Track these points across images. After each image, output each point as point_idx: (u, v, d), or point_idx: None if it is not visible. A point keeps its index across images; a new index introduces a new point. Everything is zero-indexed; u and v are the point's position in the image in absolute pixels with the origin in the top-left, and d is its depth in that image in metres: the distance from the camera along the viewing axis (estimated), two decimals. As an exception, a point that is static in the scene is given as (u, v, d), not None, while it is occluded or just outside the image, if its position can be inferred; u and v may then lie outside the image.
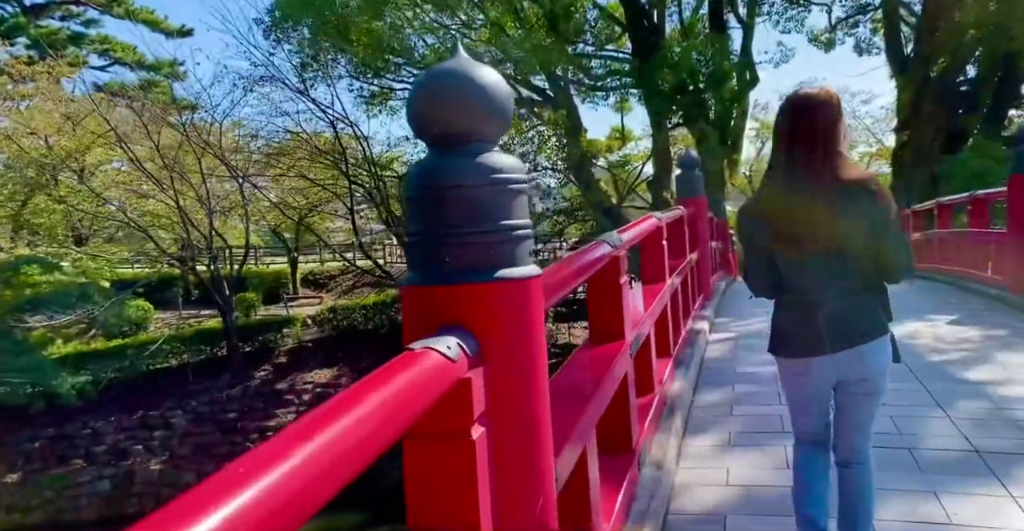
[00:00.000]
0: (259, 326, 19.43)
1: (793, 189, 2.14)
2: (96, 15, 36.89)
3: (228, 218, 19.86)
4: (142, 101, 19.60)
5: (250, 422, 16.90)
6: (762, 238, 2.22)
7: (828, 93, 2.18)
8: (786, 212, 2.13)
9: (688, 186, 6.87)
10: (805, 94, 2.20)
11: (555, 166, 17.39)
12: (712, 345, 5.62)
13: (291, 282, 26.75)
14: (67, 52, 34.39)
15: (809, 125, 2.12)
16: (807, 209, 2.08)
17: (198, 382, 17.94)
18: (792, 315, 2.24)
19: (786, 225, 2.14)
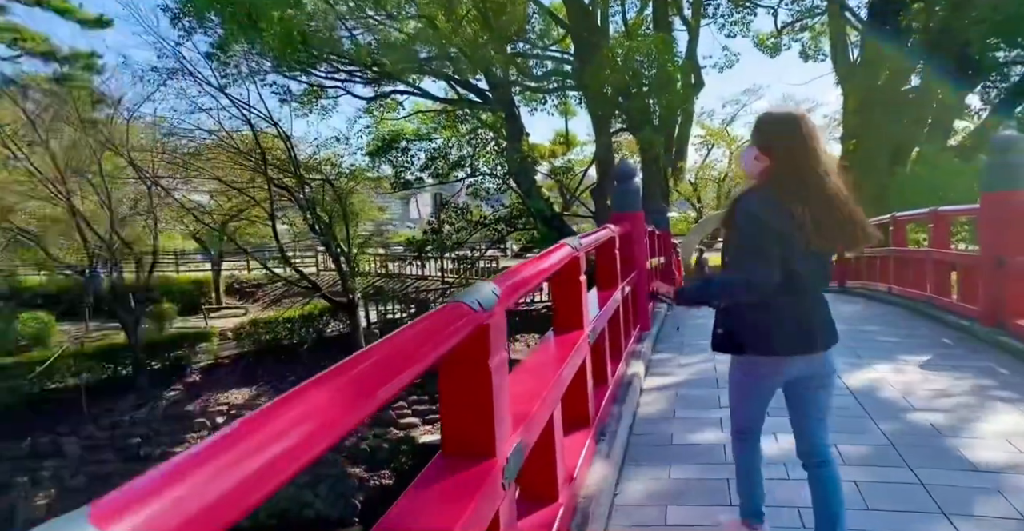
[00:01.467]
0: (171, 341, 17.80)
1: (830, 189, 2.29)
2: (4, 2, 34.19)
3: (137, 223, 18.14)
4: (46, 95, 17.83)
5: (155, 448, 15.32)
6: (794, 229, 2.23)
7: None
8: (826, 207, 2.25)
9: (624, 199, 5.95)
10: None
11: (494, 171, 16.38)
12: (647, 394, 4.65)
13: (214, 291, 25.02)
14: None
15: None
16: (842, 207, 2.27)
17: (99, 404, 16.25)
18: (785, 313, 2.29)
19: (827, 217, 2.24)
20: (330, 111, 20.77)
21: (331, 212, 18.67)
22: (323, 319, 18.90)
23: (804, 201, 2.22)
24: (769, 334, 2.28)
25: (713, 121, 33.18)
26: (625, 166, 6.14)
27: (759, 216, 2.26)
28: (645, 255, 6.40)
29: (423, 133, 17.74)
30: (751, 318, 2.32)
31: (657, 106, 13.59)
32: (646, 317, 6.24)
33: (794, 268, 2.24)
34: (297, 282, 18.12)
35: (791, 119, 2.38)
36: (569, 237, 3.39)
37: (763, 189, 2.32)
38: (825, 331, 2.32)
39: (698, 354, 5.55)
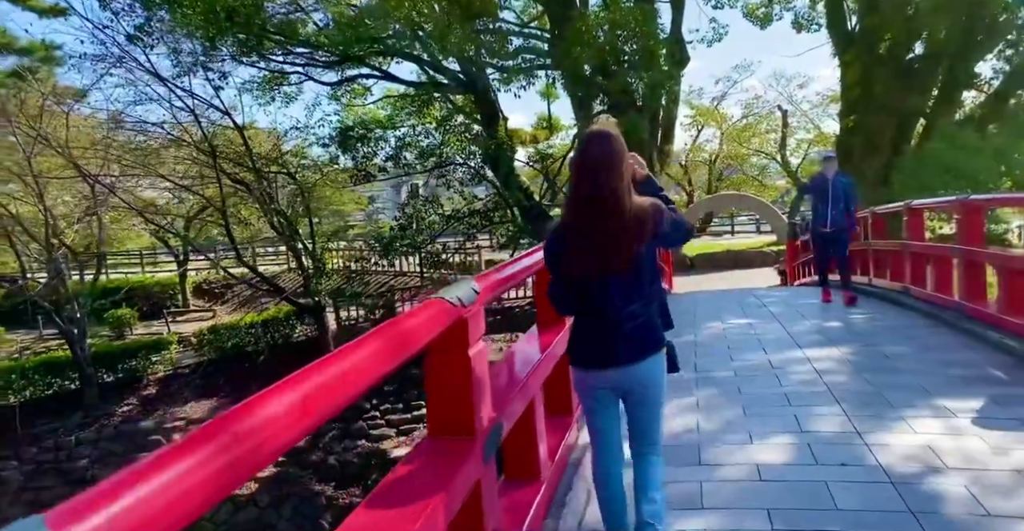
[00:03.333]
0: (123, 351, 16.50)
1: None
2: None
3: (83, 225, 16.77)
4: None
5: (104, 470, 14.07)
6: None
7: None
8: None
9: None
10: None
11: (467, 160, 15.03)
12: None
13: (181, 293, 23.69)
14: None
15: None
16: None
17: (42, 423, 15.00)
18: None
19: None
20: (294, 99, 19.34)
21: (294, 207, 17.35)
22: (289, 323, 17.64)
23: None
24: (577, 347, 2.47)
25: (703, 99, 31.79)
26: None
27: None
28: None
29: (387, 120, 16.33)
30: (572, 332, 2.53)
31: (640, 85, 12.26)
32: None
33: (582, 287, 2.38)
34: (258, 283, 16.81)
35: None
36: None
37: None
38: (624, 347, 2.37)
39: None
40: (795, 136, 30.85)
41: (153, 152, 17.52)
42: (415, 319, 1.80)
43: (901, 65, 13.16)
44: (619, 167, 2.29)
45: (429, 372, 2.05)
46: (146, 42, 12.94)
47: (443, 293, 1.98)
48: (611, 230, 2.26)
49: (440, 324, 1.87)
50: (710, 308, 8.14)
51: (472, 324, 2.05)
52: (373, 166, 14.35)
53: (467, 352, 2.02)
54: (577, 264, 2.31)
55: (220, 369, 16.83)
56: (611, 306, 2.31)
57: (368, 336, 1.52)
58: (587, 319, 2.40)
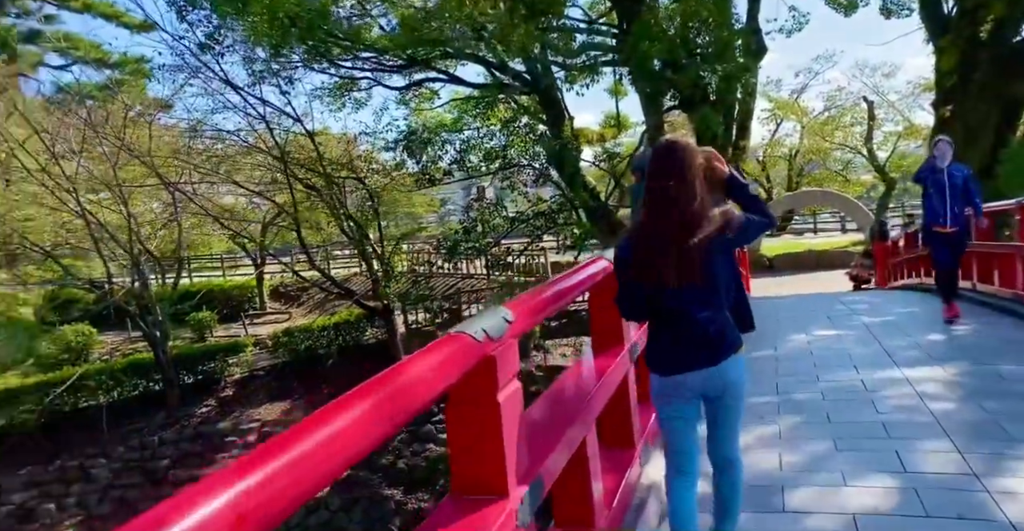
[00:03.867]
0: (202, 354, 17.04)
1: None
2: (54, 10, 34.63)
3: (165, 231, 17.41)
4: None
5: (184, 470, 14.55)
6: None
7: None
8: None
9: None
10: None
11: (531, 162, 14.74)
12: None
13: (258, 296, 24.39)
14: (22, 52, 32.33)
15: None
16: None
17: (129, 422, 15.63)
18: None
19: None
20: (364, 104, 19.54)
21: (363, 211, 17.50)
22: (360, 326, 17.81)
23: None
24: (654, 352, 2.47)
25: (781, 92, 30.40)
26: (647, 154, 4.48)
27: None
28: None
29: (452, 123, 16.22)
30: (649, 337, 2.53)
31: (713, 78, 11.64)
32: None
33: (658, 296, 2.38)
34: (329, 287, 17.03)
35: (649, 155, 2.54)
36: (607, 250, 3.08)
37: None
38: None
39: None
40: (882, 128, 29.10)
41: (229, 159, 18.05)
42: (424, 362, 1.47)
43: (1004, 49, 12.03)
44: (688, 178, 2.30)
45: (450, 422, 1.75)
46: (217, 51, 13.28)
47: (466, 325, 1.68)
48: (680, 240, 2.27)
49: (459, 365, 1.57)
50: (792, 316, 7.55)
51: (501, 362, 1.74)
52: (438, 169, 14.24)
53: (495, 397, 1.71)
54: (647, 273, 2.34)
55: (293, 371, 17.14)
56: (686, 312, 2.34)
57: (355, 392, 1.24)
58: (663, 325, 2.42)
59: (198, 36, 13.50)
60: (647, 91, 13.53)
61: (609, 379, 2.77)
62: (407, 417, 1.34)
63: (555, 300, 2.38)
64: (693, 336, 2.34)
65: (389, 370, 1.38)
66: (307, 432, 1.12)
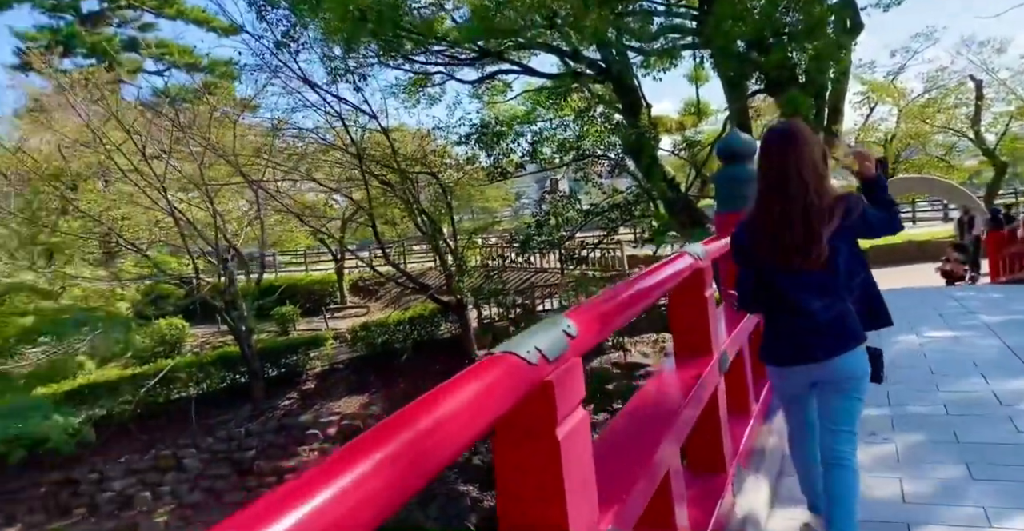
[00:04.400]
0: (285, 347, 17.48)
1: None
2: (152, 19, 36.44)
3: (249, 227, 17.93)
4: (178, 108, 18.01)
5: (268, 462, 14.97)
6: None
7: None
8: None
9: (732, 191, 3.90)
10: None
11: (606, 152, 14.25)
12: None
13: (339, 290, 24.91)
14: (122, 58, 34.16)
15: None
16: None
17: (217, 414, 16.19)
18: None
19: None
20: (437, 100, 19.55)
21: (437, 206, 17.50)
22: (435, 320, 17.84)
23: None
24: (769, 345, 2.48)
25: (875, 73, 28.50)
26: (733, 139, 4.05)
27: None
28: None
29: (524, 115, 15.91)
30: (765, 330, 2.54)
31: (803, 58, 10.85)
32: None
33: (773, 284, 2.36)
34: (404, 282, 17.13)
35: (763, 138, 2.50)
36: (691, 244, 2.91)
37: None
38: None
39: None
40: (991, 109, 26.83)
41: (309, 157, 18.43)
42: (461, 394, 1.13)
43: None
44: (808, 161, 2.26)
45: (498, 465, 1.42)
46: (293, 48, 13.48)
47: (516, 343, 1.33)
48: (799, 225, 2.22)
49: (506, 396, 1.22)
50: (898, 312, 6.84)
51: (561, 389, 1.38)
52: (511, 162, 13.96)
53: (553, 433, 1.35)
54: (763, 259, 2.32)
55: (370, 365, 17.36)
56: (802, 301, 2.29)
57: (369, 436, 0.95)
58: (779, 315, 2.39)
59: (276, 35, 13.77)
60: (730, 74, 12.80)
61: (697, 394, 2.43)
62: (436, 468, 1.01)
63: (630, 305, 1.99)
64: (807, 327, 2.28)
65: (414, 405, 1.07)
66: (302, 494, 0.83)
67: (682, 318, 2.81)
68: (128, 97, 24.48)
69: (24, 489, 14.28)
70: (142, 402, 15.71)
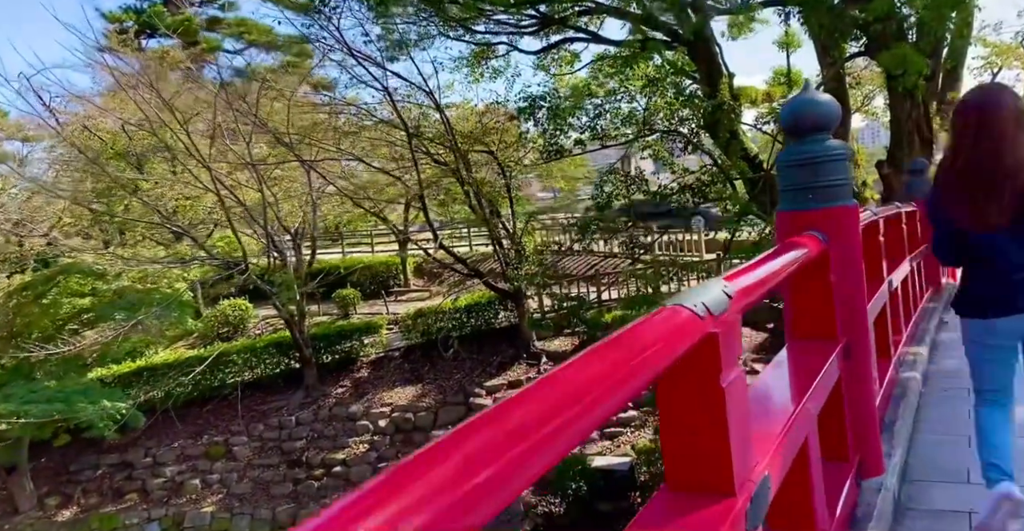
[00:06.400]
0: (338, 333, 16.97)
1: None
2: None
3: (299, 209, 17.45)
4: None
5: (316, 453, 14.54)
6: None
7: None
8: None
9: (799, 180, 2.76)
10: None
11: (678, 127, 12.71)
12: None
13: (402, 273, 24.33)
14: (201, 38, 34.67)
15: None
16: None
17: (270, 400, 15.90)
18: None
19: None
20: (501, 72, 18.37)
21: (496, 187, 16.43)
22: (493, 308, 16.88)
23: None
24: (968, 298, 2.61)
25: (1001, 35, 25.05)
26: (803, 101, 2.76)
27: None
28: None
29: (585, 86, 14.50)
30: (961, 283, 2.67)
31: (914, 6, 8.97)
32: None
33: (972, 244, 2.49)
34: (458, 267, 16.24)
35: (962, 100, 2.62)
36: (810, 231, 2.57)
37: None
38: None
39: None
40: None
41: (366, 136, 17.74)
42: (641, 337, 1.22)
43: None
44: (1012, 120, 2.36)
45: (664, 409, 1.48)
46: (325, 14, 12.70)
47: (683, 297, 1.41)
48: (1006, 182, 2.32)
49: (680, 343, 1.30)
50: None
51: (725, 342, 1.44)
52: (569, 139, 12.68)
53: (718, 382, 1.41)
54: (966, 214, 2.42)
55: (426, 354, 16.63)
56: (999, 257, 2.43)
57: (583, 357, 1.05)
58: (975, 269, 2.55)
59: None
60: (821, 32, 11.01)
61: (823, 381, 2.33)
62: (613, 410, 1.06)
63: (773, 277, 2.02)
64: (1008, 281, 2.43)
65: (592, 350, 1.11)
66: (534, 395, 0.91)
67: (804, 304, 2.71)
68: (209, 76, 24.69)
69: (83, 471, 14.44)
70: (197, 386, 15.58)
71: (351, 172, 19.13)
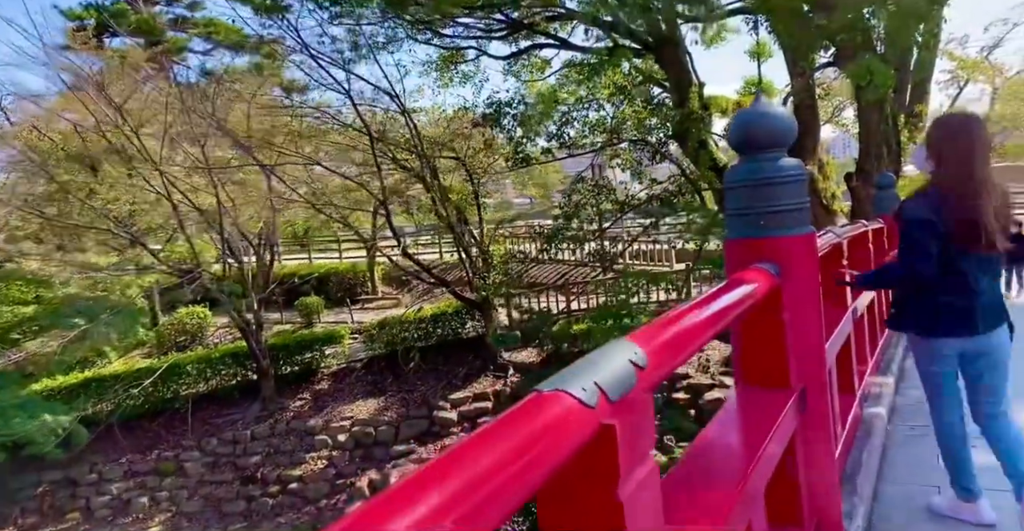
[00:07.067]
0: (298, 344, 16.41)
1: None
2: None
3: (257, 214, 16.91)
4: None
5: (272, 469, 13.97)
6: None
7: None
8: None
9: (750, 201, 2.43)
10: None
11: (646, 136, 12.45)
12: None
13: (370, 280, 23.79)
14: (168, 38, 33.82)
15: None
16: None
17: (225, 413, 15.30)
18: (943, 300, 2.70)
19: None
20: (470, 77, 18.03)
21: (463, 193, 16.05)
22: (460, 318, 16.46)
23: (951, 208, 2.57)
24: (927, 317, 2.70)
25: (967, 49, 25.35)
26: (756, 114, 2.43)
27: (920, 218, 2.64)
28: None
29: (551, 93, 14.21)
30: (916, 302, 2.74)
31: (880, 17, 8.81)
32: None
33: (953, 262, 2.59)
34: (422, 275, 15.83)
35: (955, 126, 2.72)
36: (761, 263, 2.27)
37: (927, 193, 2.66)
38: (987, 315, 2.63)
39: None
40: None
41: (327, 140, 17.30)
42: (497, 448, 0.86)
43: None
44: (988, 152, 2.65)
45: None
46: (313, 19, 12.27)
47: (567, 378, 1.02)
48: (985, 209, 2.51)
49: (555, 449, 0.93)
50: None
51: (627, 437, 1.06)
52: (535, 146, 12.36)
53: (614, 494, 1.06)
54: (963, 234, 2.52)
55: (389, 365, 16.15)
56: (971, 279, 2.57)
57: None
58: (940, 288, 2.62)
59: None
60: (791, 42, 10.83)
61: (776, 437, 2.00)
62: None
63: (704, 329, 1.55)
64: (975, 304, 2.58)
65: (437, 462, 0.81)
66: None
67: (755, 345, 2.37)
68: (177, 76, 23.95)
69: (22, 489, 13.71)
70: (149, 398, 14.94)
71: (317, 177, 18.63)
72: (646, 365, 1.20)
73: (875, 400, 3.94)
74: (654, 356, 1.25)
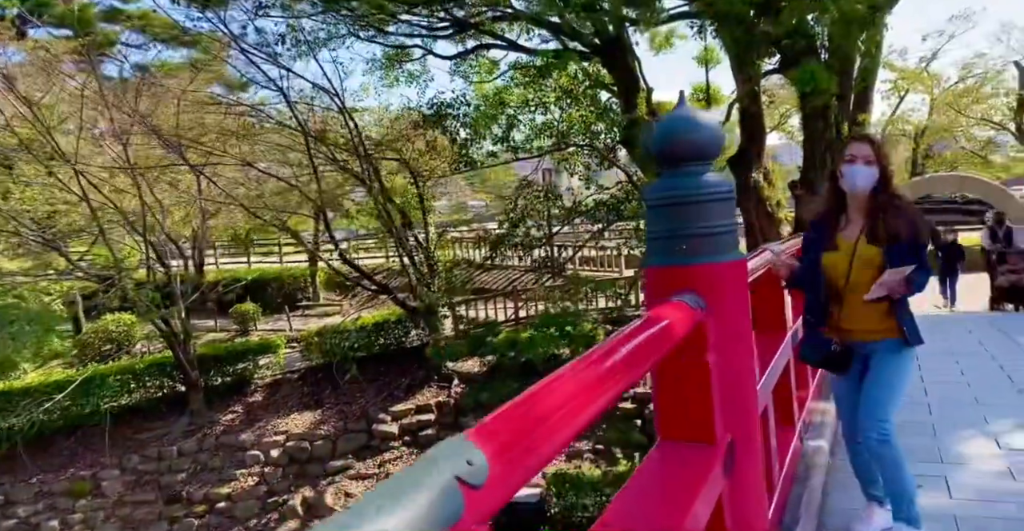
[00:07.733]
0: (229, 354, 15.58)
1: None
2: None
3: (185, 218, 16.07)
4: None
5: (199, 487, 13.16)
6: None
7: None
8: None
9: (673, 223, 1.99)
10: None
11: (593, 140, 12.16)
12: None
13: (311, 286, 22.98)
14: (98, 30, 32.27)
15: None
16: None
17: (149, 428, 14.40)
18: None
19: None
20: (416, 77, 17.50)
21: (407, 197, 15.51)
22: (404, 326, 15.88)
23: None
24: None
25: (907, 60, 25.99)
26: (678, 121, 2.02)
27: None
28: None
29: (495, 95, 13.82)
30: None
31: (824, 23, 8.66)
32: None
33: None
34: (361, 281, 15.23)
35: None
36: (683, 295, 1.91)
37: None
38: None
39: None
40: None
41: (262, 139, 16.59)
42: None
43: None
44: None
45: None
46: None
47: (357, 512, 0.63)
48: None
49: None
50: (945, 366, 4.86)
51: None
52: (476, 150, 11.95)
53: None
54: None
55: (327, 376, 15.46)
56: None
57: None
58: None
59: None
60: (735, 47, 10.66)
61: (703, 499, 1.74)
62: None
63: (614, 380, 1.27)
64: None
65: None
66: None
67: (673, 397, 1.99)
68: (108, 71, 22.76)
69: (-81, 512, 12.61)
70: (66, 412, 13.94)
71: (255, 178, 17.83)
72: (485, 480, 0.80)
73: (817, 430, 3.61)
74: (501, 462, 0.84)
